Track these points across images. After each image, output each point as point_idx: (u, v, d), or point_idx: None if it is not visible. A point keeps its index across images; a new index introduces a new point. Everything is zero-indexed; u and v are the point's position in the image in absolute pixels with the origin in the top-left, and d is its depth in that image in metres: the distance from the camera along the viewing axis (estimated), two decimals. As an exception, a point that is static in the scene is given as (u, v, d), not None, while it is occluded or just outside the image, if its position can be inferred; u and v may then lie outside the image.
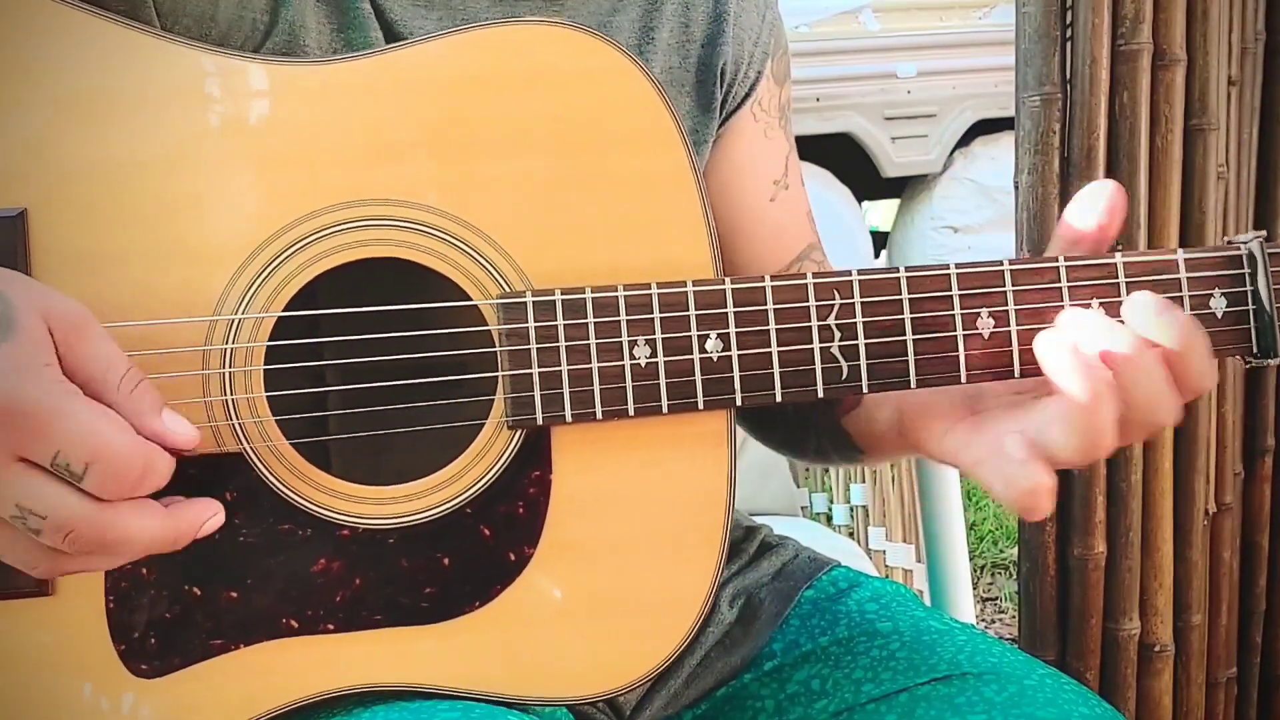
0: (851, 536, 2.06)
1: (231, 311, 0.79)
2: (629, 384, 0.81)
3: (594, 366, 0.81)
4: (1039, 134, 1.56)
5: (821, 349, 0.82)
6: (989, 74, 5.16)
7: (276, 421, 0.80)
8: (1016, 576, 1.77)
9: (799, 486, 2.16)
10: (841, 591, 1.06)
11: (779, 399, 0.82)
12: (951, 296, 0.82)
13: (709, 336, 0.82)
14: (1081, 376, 0.77)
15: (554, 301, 0.81)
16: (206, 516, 0.74)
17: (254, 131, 0.81)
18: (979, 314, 0.83)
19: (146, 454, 0.68)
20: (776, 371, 0.82)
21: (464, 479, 0.82)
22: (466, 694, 0.82)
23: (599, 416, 0.81)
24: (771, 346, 0.82)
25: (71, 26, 0.79)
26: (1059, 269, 0.82)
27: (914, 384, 0.83)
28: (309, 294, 0.81)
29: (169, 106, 0.80)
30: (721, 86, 1.03)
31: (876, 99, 5.18)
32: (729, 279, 0.82)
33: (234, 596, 0.80)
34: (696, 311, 0.82)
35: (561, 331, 0.81)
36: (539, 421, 0.81)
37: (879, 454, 1.01)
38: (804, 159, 1.16)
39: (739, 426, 1.15)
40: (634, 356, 0.81)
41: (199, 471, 0.77)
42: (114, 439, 0.67)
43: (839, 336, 0.82)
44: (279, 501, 0.80)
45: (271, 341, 0.80)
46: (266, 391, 0.80)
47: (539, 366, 0.81)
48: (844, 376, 0.82)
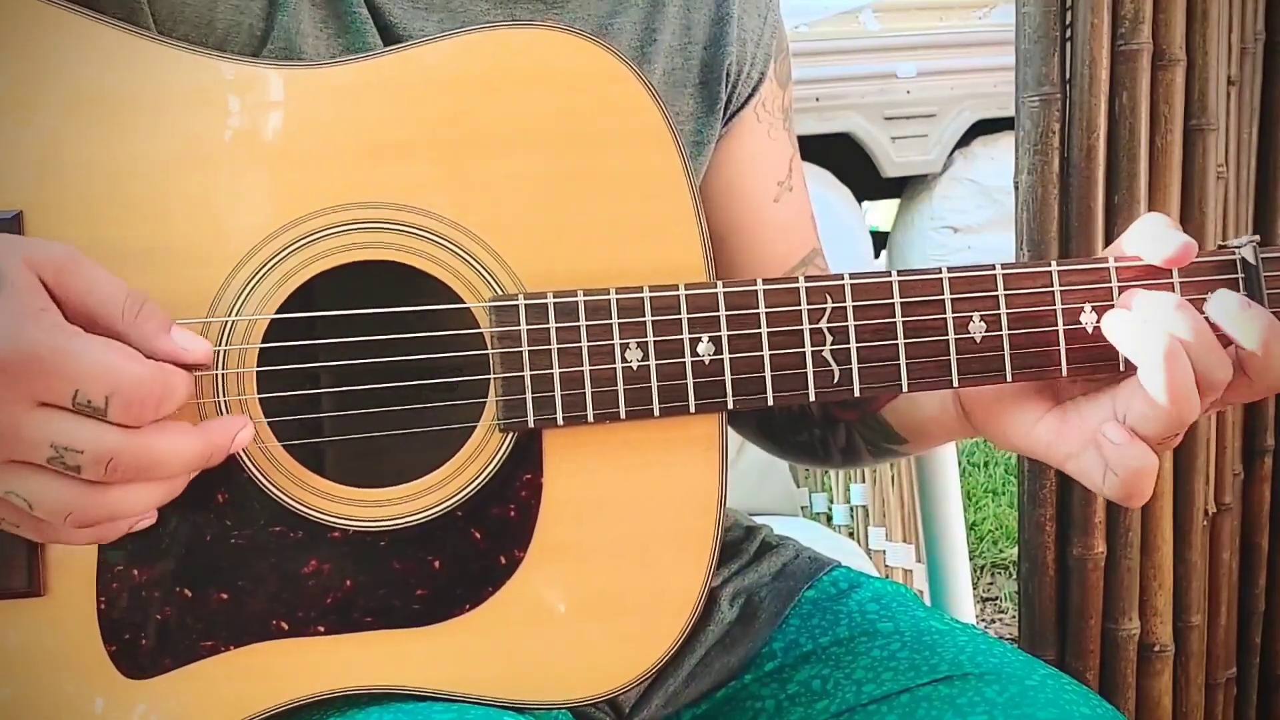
0: (851, 536, 2.06)
1: (226, 313, 0.80)
2: (621, 387, 0.81)
3: (586, 369, 0.81)
4: (1039, 134, 1.56)
5: (813, 352, 0.82)
6: (989, 74, 5.16)
7: (269, 423, 0.80)
8: (1016, 576, 1.77)
9: (799, 486, 2.15)
10: (842, 592, 1.06)
11: (770, 402, 0.82)
12: (943, 300, 0.82)
13: (701, 340, 0.82)
14: (1153, 339, 0.78)
15: (546, 304, 0.81)
16: (237, 428, 0.76)
17: (250, 134, 0.81)
18: (971, 318, 0.83)
19: (162, 375, 0.70)
20: (768, 375, 0.82)
21: (455, 481, 0.82)
22: (457, 696, 0.82)
23: (590, 419, 0.81)
24: (763, 350, 0.82)
25: (69, 29, 0.79)
26: (1051, 273, 0.82)
27: (905, 388, 0.83)
28: (303, 296, 0.81)
29: (165, 109, 0.80)
30: (726, 88, 1.03)
31: (876, 99, 5.18)
32: (721, 282, 0.82)
33: (225, 598, 0.80)
34: (688, 315, 0.82)
35: (553, 334, 0.81)
36: (531, 424, 0.81)
37: (925, 441, 1.01)
38: (804, 159, 1.15)
39: (756, 444, 1.16)
40: (626, 359, 0.81)
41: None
42: (127, 367, 0.68)
43: (830, 340, 0.82)
44: (271, 503, 0.80)
45: (265, 344, 0.80)
46: (259, 393, 0.80)
47: (531, 369, 0.81)
48: (835, 380, 0.82)
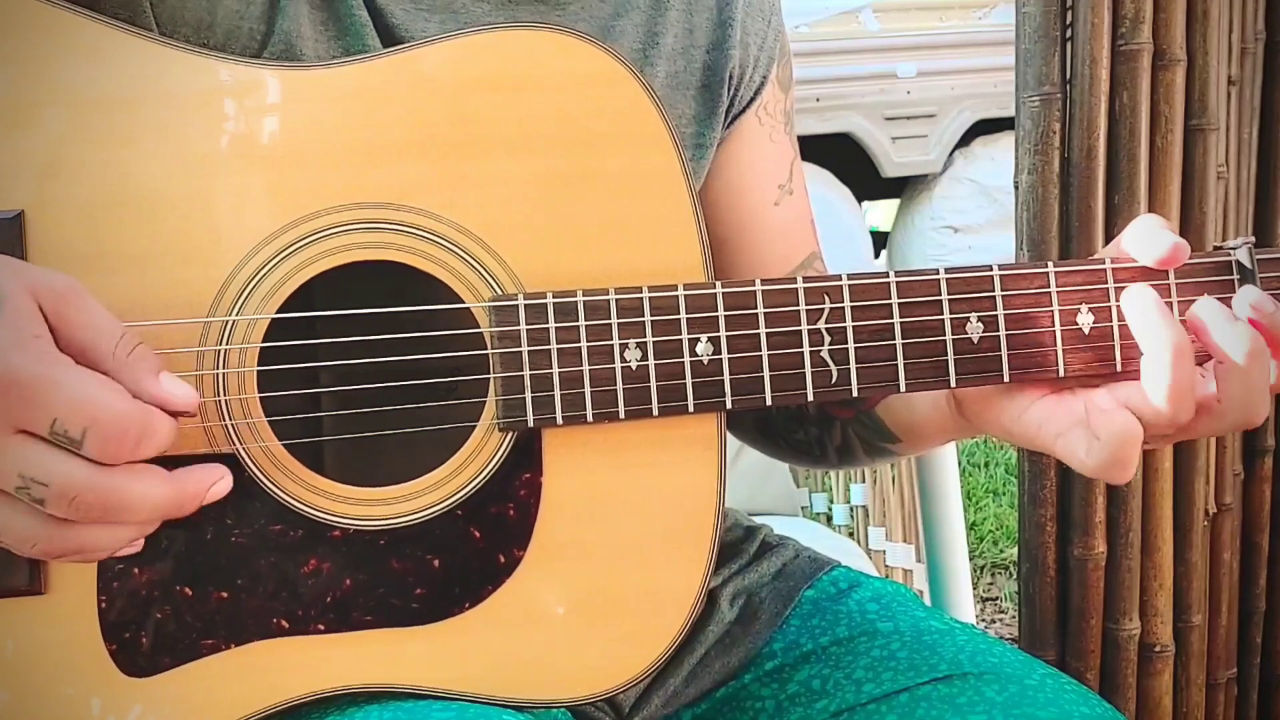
0: (851, 536, 2.06)
1: (227, 313, 0.80)
2: (620, 386, 0.82)
3: (585, 369, 0.81)
4: (1039, 134, 1.56)
5: (811, 353, 0.82)
6: (989, 74, 5.16)
7: (269, 423, 0.80)
8: (1016, 576, 1.77)
9: (799, 486, 2.15)
10: (842, 591, 1.06)
11: (769, 402, 0.82)
12: (941, 301, 0.83)
13: (699, 340, 0.82)
14: (1165, 321, 0.79)
15: (545, 304, 0.81)
16: (212, 481, 0.74)
17: (250, 134, 0.81)
18: (968, 319, 0.83)
19: (144, 416, 0.69)
20: (766, 375, 0.82)
21: (455, 481, 0.82)
22: (457, 695, 0.82)
23: (590, 419, 0.82)
24: (761, 350, 0.82)
25: (70, 30, 0.79)
26: (1048, 274, 0.83)
27: (903, 388, 0.83)
28: (304, 296, 0.82)
29: (167, 110, 0.80)
30: (728, 90, 1.03)
31: (876, 99, 5.18)
32: (719, 282, 0.82)
33: (225, 596, 0.81)
34: (687, 315, 0.82)
35: (553, 334, 0.81)
36: (530, 423, 0.81)
37: (919, 441, 1.01)
38: (804, 159, 1.15)
39: (753, 446, 1.16)
40: (625, 359, 0.82)
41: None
42: (109, 403, 0.67)
43: (828, 340, 0.82)
44: (271, 502, 0.81)
45: (265, 343, 0.80)
46: (260, 393, 0.80)
47: (530, 369, 0.81)
48: (833, 380, 0.83)
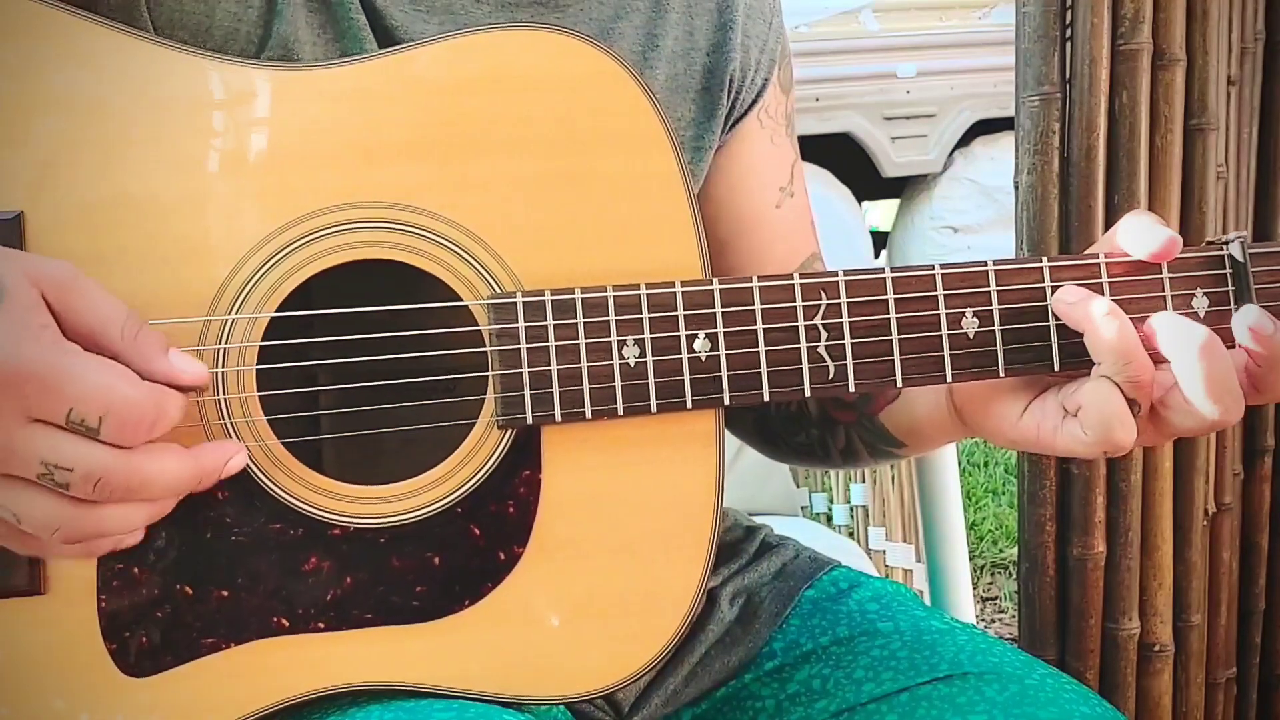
0: (851, 536, 2.06)
1: (226, 312, 0.80)
2: (618, 384, 0.82)
3: (583, 366, 0.81)
4: (1039, 134, 1.56)
5: (808, 348, 0.83)
6: (989, 74, 5.16)
7: (269, 421, 0.80)
8: (1016, 576, 1.77)
9: (799, 486, 2.15)
10: (842, 591, 1.06)
11: (766, 398, 0.83)
12: (937, 296, 0.83)
13: (697, 336, 0.82)
14: (1103, 309, 0.80)
15: (544, 302, 0.81)
16: (228, 455, 0.76)
17: (249, 134, 0.81)
18: (964, 314, 0.83)
19: (156, 397, 0.70)
20: (764, 371, 0.83)
21: (454, 478, 0.83)
22: (457, 693, 0.82)
23: (588, 416, 0.82)
24: (759, 346, 0.82)
25: (69, 32, 0.80)
26: (1043, 269, 0.83)
27: (900, 383, 0.83)
28: (303, 295, 0.82)
29: (166, 110, 0.80)
30: (729, 93, 1.03)
31: (876, 99, 5.18)
32: (717, 279, 0.83)
33: (225, 595, 0.81)
34: (685, 311, 0.82)
35: (551, 332, 0.81)
36: (529, 421, 0.82)
37: (921, 444, 1.02)
38: (804, 159, 1.15)
39: (755, 448, 1.16)
40: (623, 356, 0.82)
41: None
42: (122, 388, 0.69)
43: (825, 336, 0.83)
44: (270, 501, 0.81)
45: (265, 342, 0.80)
46: (259, 391, 0.80)
47: (529, 366, 0.81)
48: (830, 376, 0.83)
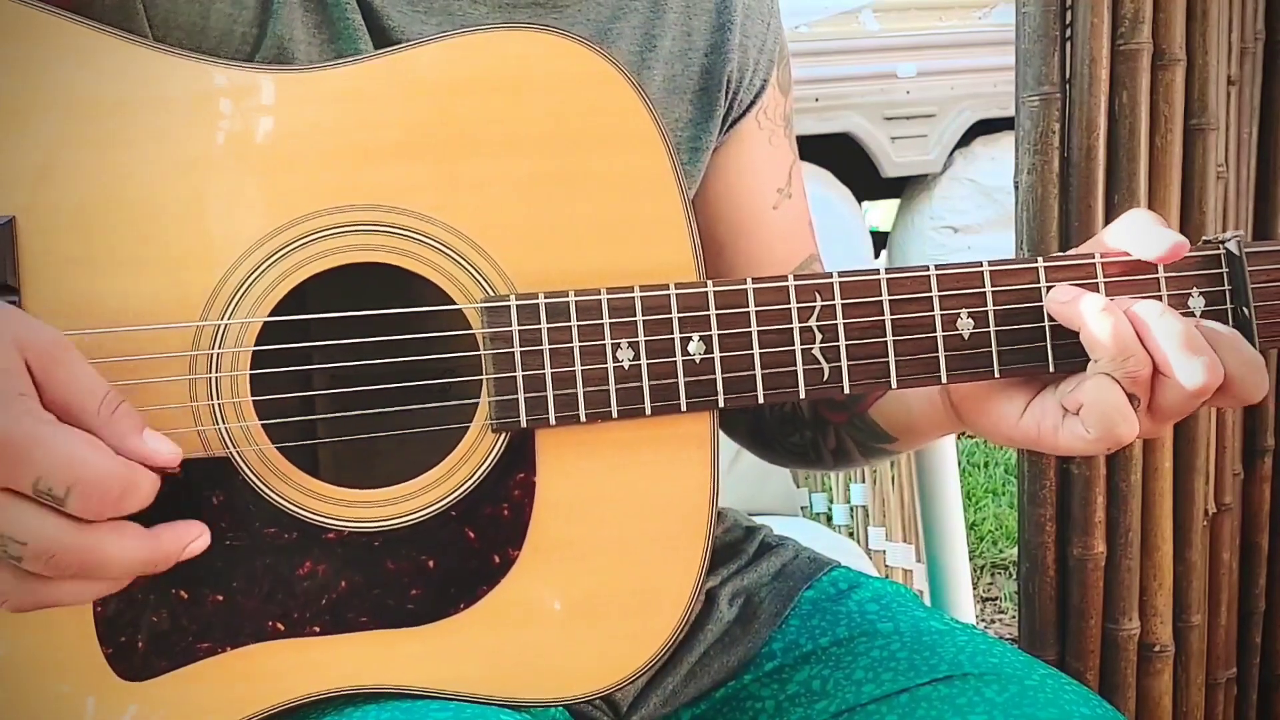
0: (851, 536, 2.06)
1: (219, 316, 0.80)
2: (612, 386, 0.82)
3: (577, 369, 0.81)
4: (1039, 134, 1.56)
5: (803, 350, 0.82)
6: (989, 74, 5.16)
7: (263, 426, 0.80)
8: (1016, 576, 1.77)
9: (799, 486, 2.15)
10: (842, 592, 1.06)
11: (761, 400, 0.82)
12: (931, 298, 0.83)
13: (691, 339, 0.82)
14: (1097, 305, 0.80)
15: (538, 305, 0.81)
16: (190, 539, 0.73)
17: (243, 137, 0.81)
18: (959, 315, 0.83)
19: (127, 473, 0.69)
20: (758, 373, 0.82)
21: (449, 482, 0.82)
22: (453, 695, 0.82)
23: (582, 419, 0.82)
24: (753, 348, 0.82)
25: (63, 36, 0.79)
26: (1038, 269, 0.83)
27: (895, 384, 0.83)
28: (296, 299, 0.82)
29: (159, 114, 0.80)
30: (726, 94, 1.03)
31: (876, 99, 5.18)
32: (711, 281, 0.82)
33: (220, 600, 0.81)
34: (679, 314, 0.82)
35: (545, 334, 0.81)
36: (523, 424, 0.81)
37: (916, 438, 1.02)
38: (804, 159, 1.15)
39: (750, 450, 1.16)
40: (617, 359, 0.82)
41: (185, 476, 0.78)
42: (93, 460, 0.67)
43: (820, 338, 0.83)
44: (265, 505, 0.81)
45: (258, 346, 0.80)
46: (253, 396, 0.80)
47: (523, 369, 0.81)
48: (825, 378, 0.83)
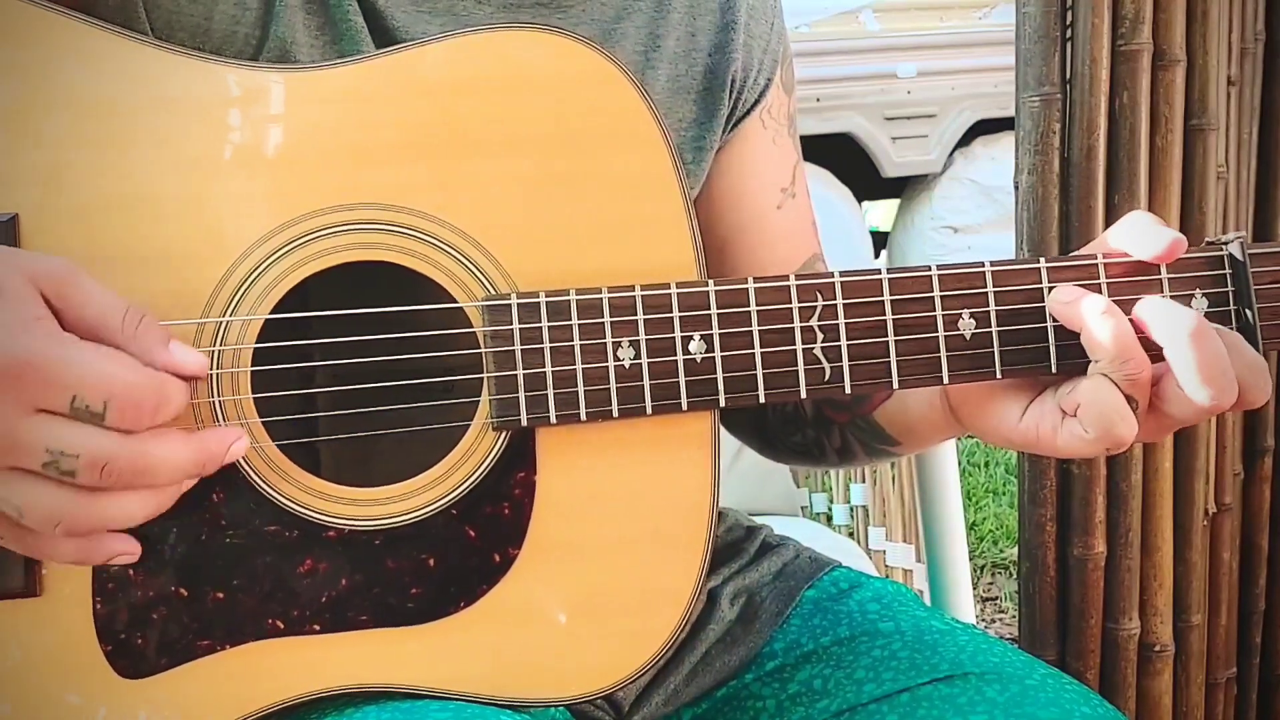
0: (851, 536, 2.06)
1: (220, 314, 0.80)
2: (613, 385, 0.82)
3: (578, 368, 0.81)
4: (1039, 134, 1.56)
5: (804, 350, 0.82)
6: (989, 74, 5.16)
7: (264, 423, 0.80)
8: (1016, 576, 1.77)
9: (799, 486, 2.15)
10: (843, 592, 1.06)
11: (762, 399, 0.82)
12: (933, 298, 0.83)
13: (693, 338, 0.82)
14: (1099, 307, 0.80)
15: (539, 303, 0.81)
16: (231, 440, 0.76)
17: (244, 136, 0.81)
18: (960, 315, 0.83)
19: (158, 382, 0.71)
20: (760, 372, 0.82)
21: (449, 480, 0.82)
22: (454, 695, 0.82)
23: (583, 418, 0.82)
24: (755, 348, 0.82)
25: (65, 34, 0.80)
26: (1040, 270, 0.83)
27: (896, 385, 0.83)
28: (298, 297, 0.82)
29: (161, 112, 0.80)
30: (730, 94, 1.03)
31: (876, 99, 5.19)
32: (712, 280, 0.82)
33: (220, 597, 0.81)
34: (680, 313, 0.82)
35: (546, 333, 0.81)
36: (523, 423, 0.81)
37: (917, 441, 1.01)
38: (804, 159, 1.15)
39: (753, 449, 1.16)
40: (618, 358, 0.82)
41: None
42: (124, 374, 0.70)
43: (821, 338, 0.82)
44: (265, 503, 0.81)
45: (259, 344, 0.80)
46: (254, 394, 0.80)
47: (523, 368, 0.81)
48: (826, 377, 0.83)
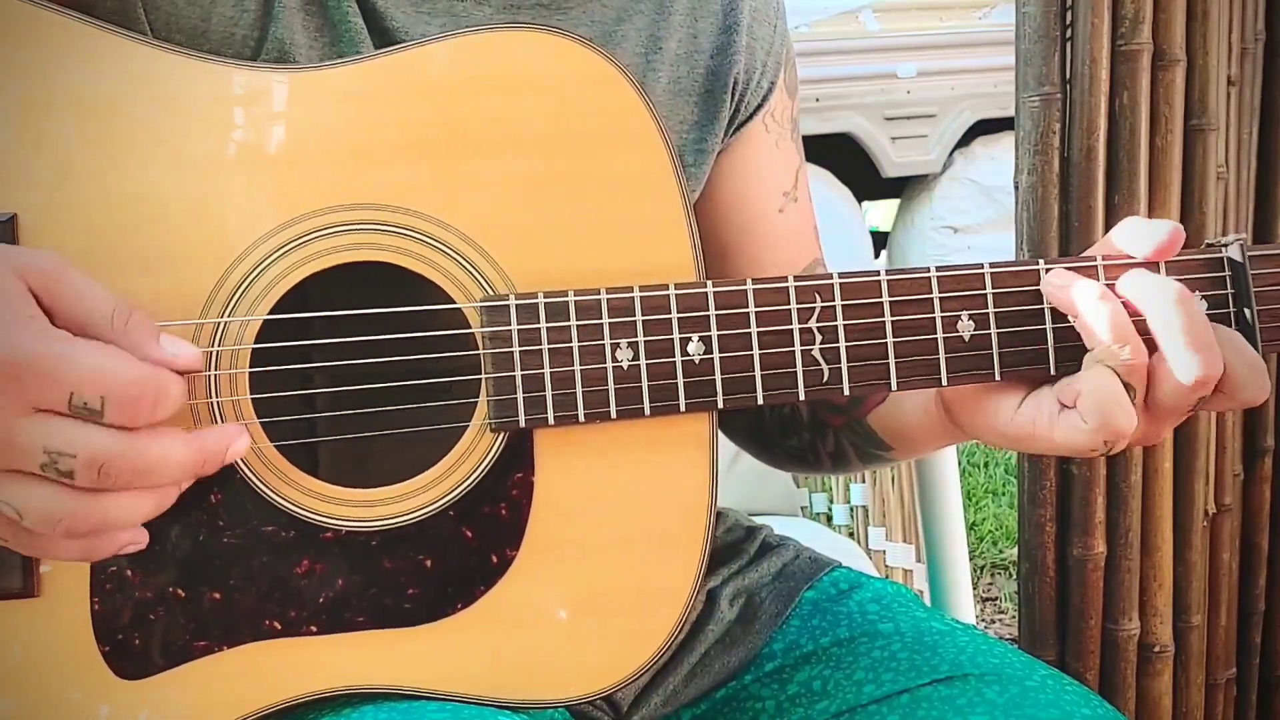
0: (851, 536, 2.06)
1: (219, 314, 0.80)
2: (611, 386, 0.81)
3: (576, 369, 0.81)
4: (1039, 134, 1.56)
5: (803, 351, 0.82)
6: (989, 74, 5.17)
7: (261, 424, 0.80)
8: (1016, 576, 1.77)
9: (799, 487, 2.15)
10: (843, 592, 1.06)
11: (760, 401, 0.82)
12: (932, 299, 0.83)
13: (691, 339, 0.82)
14: (1094, 292, 0.80)
15: (537, 304, 0.81)
16: (232, 438, 0.75)
17: (243, 136, 0.81)
18: (959, 316, 0.83)
19: (156, 377, 0.70)
20: (758, 374, 0.82)
21: (447, 481, 0.82)
22: (451, 696, 0.82)
23: (581, 419, 0.82)
24: (753, 349, 0.82)
25: (64, 34, 0.79)
26: (1039, 271, 0.83)
27: (895, 386, 0.83)
28: (296, 297, 0.81)
29: (160, 112, 0.80)
30: (732, 97, 1.03)
31: (876, 99, 5.19)
32: (710, 282, 0.82)
33: (218, 598, 0.81)
34: (679, 314, 0.82)
35: (544, 334, 0.81)
36: (521, 424, 0.81)
37: (911, 447, 1.01)
38: (804, 159, 1.15)
39: (749, 452, 1.16)
40: (616, 359, 0.82)
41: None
42: (120, 369, 0.68)
43: (820, 339, 0.82)
44: (263, 504, 0.81)
45: (257, 344, 0.80)
46: (252, 394, 0.80)
47: (522, 369, 0.81)
48: (825, 379, 0.83)
